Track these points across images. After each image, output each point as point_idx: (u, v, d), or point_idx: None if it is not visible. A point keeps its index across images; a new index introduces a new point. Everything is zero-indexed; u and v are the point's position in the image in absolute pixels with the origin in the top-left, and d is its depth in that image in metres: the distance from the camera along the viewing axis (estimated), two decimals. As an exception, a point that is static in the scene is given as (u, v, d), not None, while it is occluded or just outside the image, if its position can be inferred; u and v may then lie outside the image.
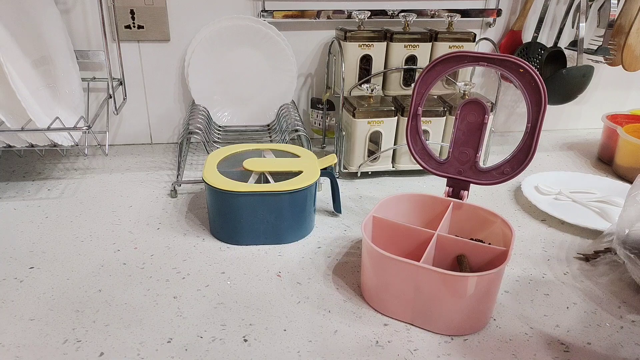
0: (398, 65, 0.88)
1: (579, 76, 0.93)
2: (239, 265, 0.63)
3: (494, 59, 0.49)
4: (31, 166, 0.90)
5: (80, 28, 0.90)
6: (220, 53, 0.93)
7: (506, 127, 1.15)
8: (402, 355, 0.49)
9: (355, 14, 0.87)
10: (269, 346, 0.49)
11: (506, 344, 0.50)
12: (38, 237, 0.68)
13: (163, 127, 1.02)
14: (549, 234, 0.72)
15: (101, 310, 0.54)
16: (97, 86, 0.94)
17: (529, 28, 1.03)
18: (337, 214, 0.75)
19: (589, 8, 0.96)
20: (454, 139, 0.52)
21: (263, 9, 0.93)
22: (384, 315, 0.54)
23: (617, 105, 1.16)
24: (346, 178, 0.88)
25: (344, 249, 0.66)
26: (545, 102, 0.48)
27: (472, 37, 0.88)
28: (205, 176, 0.66)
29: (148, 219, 0.73)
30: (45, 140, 0.74)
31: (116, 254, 0.64)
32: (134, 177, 0.87)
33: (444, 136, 0.87)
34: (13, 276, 0.60)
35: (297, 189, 0.64)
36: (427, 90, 0.52)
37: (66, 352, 0.48)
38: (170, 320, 0.53)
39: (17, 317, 0.53)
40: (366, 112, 0.82)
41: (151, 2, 0.90)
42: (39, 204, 0.77)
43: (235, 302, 0.56)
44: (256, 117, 0.99)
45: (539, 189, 0.82)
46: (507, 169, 0.51)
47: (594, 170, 0.95)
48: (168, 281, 0.59)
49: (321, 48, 0.99)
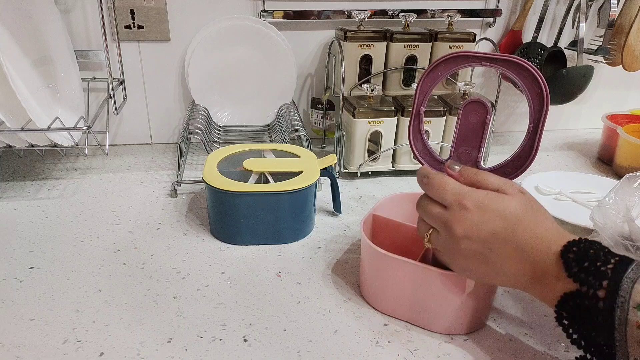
0: (398, 65, 0.88)
1: (579, 76, 0.93)
2: (239, 265, 0.63)
3: (496, 59, 0.49)
4: (31, 166, 0.90)
5: (80, 28, 0.90)
6: (220, 53, 0.93)
7: (506, 127, 1.15)
8: (402, 355, 0.49)
9: (355, 14, 0.87)
10: (269, 346, 0.49)
11: (506, 344, 0.50)
12: (38, 237, 0.68)
13: (163, 127, 1.02)
14: (549, 234, 0.72)
15: (101, 310, 0.54)
16: (97, 86, 0.94)
17: (529, 28, 1.03)
18: (337, 213, 0.75)
19: (589, 8, 0.96)
20: (455, 138, 0.52)
21: (263, 9, 0.93)
22: (384, 315, 0.54)
23: (617, 105, 1.16)
24: (346, 178, 0.88)
25: (344, 249, 0.66)
26: (547, 103, 0.48)
27: (472, 37, 0.88)
28: (205, 176, 0.66)
29: (148, 219, 0.73)
30: (45, 140, 0.74)
31: (116, 254, 0.64)
32: (134, 177, 0.87)
33: (444, 136, 0.87)
34: (13, 276, 0.60)
35: (297, 189, 0.64)
36: (429, 90, 0.52)
37: (66, 352, 0.48)
38: (170, 320, 0.53)
39: (17, 317, 0.53)
40: (366, 112, 0.82)
41: (151, 2, 0.90)
42: (39, 204, 0.77)
43: (235, 302, 0.56)
44: (256, 117, 0.99)
45: (539, 189, 0.82)
46: (508, 170, 0.51)
47: (594, 170, 0.95)
48: (168, 281, 0.59)
49: (321, 48, 0.99)
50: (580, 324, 0.40)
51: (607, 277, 0.38)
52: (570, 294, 0.40)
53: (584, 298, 0.39)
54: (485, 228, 0.44)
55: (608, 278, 0.38)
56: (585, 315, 0.39)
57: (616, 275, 0.38)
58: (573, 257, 0.40)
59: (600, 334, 0.38)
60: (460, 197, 0.45)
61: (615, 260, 0.39)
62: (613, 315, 0.37)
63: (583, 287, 0.39)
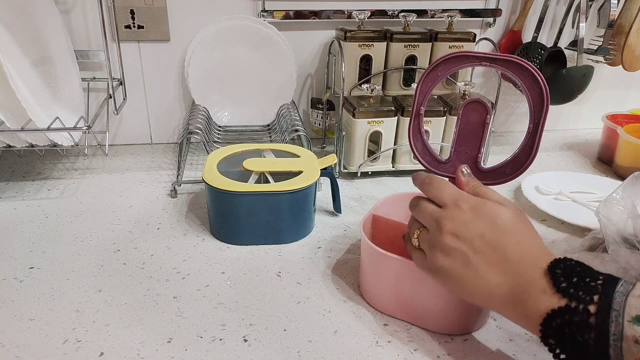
0: (398, 65, 0.88)
1: (579, 76, 0.93)
2: (239, 265, 0.63)
3: (496, 59, 0.49)
4: (31, 166, 0.90)
5: (80, 28, 0.90)
6: (220, 53, 0.93)
7: (506, 127, 1.15)
8: (402, 355, 0.49)
9: (355, 14, 0.87)
10: (269, 346, 0.49)
11: (506, 344, 0.50)
12: (38, 237, 0.68)
13: (163, 127, 1.02)
14: (549, 234, 0.72)
15: (101, 310, 0.54)
16: (97, 86, 0.94)
17: (529, 28, 1.03)
18: (337, 214, 0.75)
19: (589, 8, 0.96)
20: (455, 138, 0.52)
21: (263, 9, 0.93)
22: (384, 315, 0.54)
23: (617, 105, 1.16)
24: (346, 178, 0.88)
25: (344, 249, 0.66)
26: (547, 103, 0.48)
27: (472, 37, 0.88)
28: (205, 176, 0.66)
29: (148, 219, 0.73)
30: (45, 140, 0.74)
31: (116, 254, 0.64)
32: (134, 177, 0.87)
33: (444, 136, 0.87)
34: (13, 276, 0.60)
35: (297, 189, 0.64)
36: (429, 90, 0.52)
37: (66, 352, 0.48)
38: (170, 320, 0.53)
39: (17, 317, 0.53)
40: (366, 112, 0.82)
41: (151, 2, 0.90)
42: (39, 204, 0.77)
43: (235, 302, 0.56)
44: (256, 117, 0.99)
45: (539, 189, 0.82)
46: (508, 170, 0.51)
47: (594, 170, 0.95)
48: (168, 281, 0.59)
49: (321, 48, 0.99)
50: (569, 343, 0.37)
51: (598, 292, 0.37)
52: (557, 311, 0.38)
53: (573, 314, 0.37)
54: (474, 229, 0.43)
55: (599, 292, 0.37)
56: (574, 332, 0.37)
57: (607, 290, 0.37)
58: (561, 273, 0.39)
59: (592, 353, 0.36)
60: (457, 198, 0.46)
61: (603, 277, 0.38)
62: (607, 330, 0.35)
63: (572, 302, 0.37)
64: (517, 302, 0.40)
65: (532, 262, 0.41)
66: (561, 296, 0.38)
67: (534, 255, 0.42)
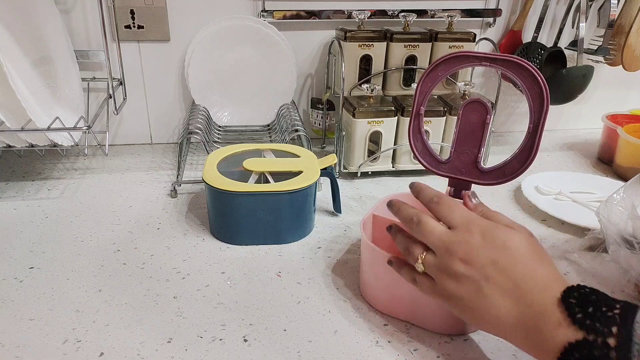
0: (398, 65, 0.88)
1: (579, 76, 0.93)
2: (239, 265, 0.63)
3: (496, 59, 0.49)
4: (31, 166, 0.90)
5: (80, 28, 0.90)
6: (220, 53, 0.93)
7: (506, 127, 1.15)
8: (402, 355, 0.49)
9: (355, 14, 0.87)
10: (269, 346, 0.49)
11: (506, 344, 0.50)
12: (38, 237, 0.68)
13: (163, 127, 1.02)
14: (549, 234, 0.72)
15: (101, 310, 0.54)
16: (97, 86, 0.94)
17: (529, 28, 1.03)
18: (337, 214, 0.75)
19: (589, 8, 0.96)
20: (455, 138, 0.52)
21: (263, 9, 0.93)
22: (383, 315, 0.54)
23: (617, 105, 1.16)
24: (346, 178, 0.88)
25: (344, 249, 0.66)
26: (547, 103, 0.48)
27: (472, 37, 0.88)
28: (205, 176, 0.66)
29: (148, 219, 0.73)
30: (45, 140, 0.74)
31: (116, 254, 0.64)
32: (134, 177, 0.87)
33: (444, 136, 0.87)
34: (13, 276, 0.60)
35: (297, 189, 0.64)
36: (429, 90, 0.52)
37: (66, 352, 0.48)
38: (170, 320, 0.53)
39: (17, 317, 0.53)
40: (366, 112, 0.82)
41: (151, 2, 0.90)
42: (39, 204, 0.77)
43: (235, 302, 0.56)
44: (256, 117, 0.99)
45: (539, 189, 0.82)
46: (508, 170, 0.51)
47: (594, 170, 0.95)
48: (168, 281, 0.59)
49: (321, 48, 0.99)
50: None
51: (616, 323, 0.35)
52: (575, 344, 0.36)
53: (592, 348, 0.35)
54: (486, 254, 0.42)
55: (617, 324, 0.35)
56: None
57: (626, 321, 0.35)
58: (575, 302, 0.37)
59: None
60: (468, 221, 0.44)
61: (620, 305, 0.36)
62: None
63: (590, 335, 0.35)
64: (530, 332, 0.39)
65: (545, 290, 0.40)
66: (578, 328, 0.36)
67: (547, 282, 0.40)
